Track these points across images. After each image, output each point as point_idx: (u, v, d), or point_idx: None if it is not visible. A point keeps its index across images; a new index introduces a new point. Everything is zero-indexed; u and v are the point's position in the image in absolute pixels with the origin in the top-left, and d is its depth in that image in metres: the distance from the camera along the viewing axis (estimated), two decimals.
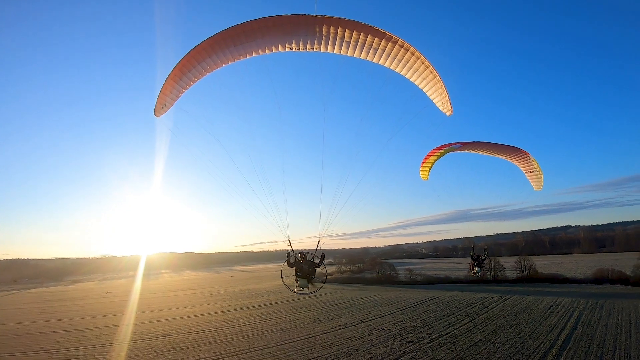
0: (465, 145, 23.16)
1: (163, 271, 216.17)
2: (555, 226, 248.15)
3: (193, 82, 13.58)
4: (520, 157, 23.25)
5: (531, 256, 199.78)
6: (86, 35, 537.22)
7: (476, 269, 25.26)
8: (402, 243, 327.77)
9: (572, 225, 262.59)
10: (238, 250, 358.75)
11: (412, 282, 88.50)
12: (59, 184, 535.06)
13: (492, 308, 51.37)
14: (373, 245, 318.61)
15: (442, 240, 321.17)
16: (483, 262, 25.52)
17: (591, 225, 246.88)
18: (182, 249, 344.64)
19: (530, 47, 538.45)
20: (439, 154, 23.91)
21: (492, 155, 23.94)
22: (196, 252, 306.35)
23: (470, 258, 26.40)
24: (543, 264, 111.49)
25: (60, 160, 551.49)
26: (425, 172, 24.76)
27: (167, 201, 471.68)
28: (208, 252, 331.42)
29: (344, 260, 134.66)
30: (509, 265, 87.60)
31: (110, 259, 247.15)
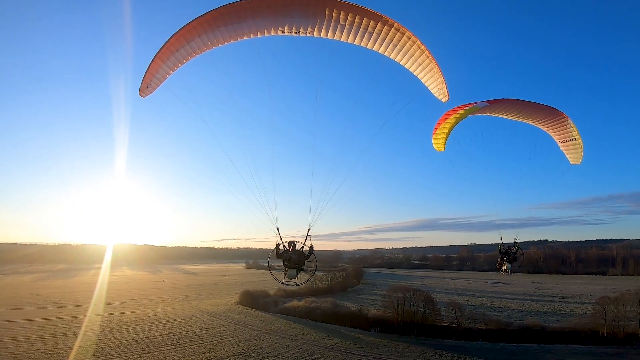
0: (492, 104, 18.57)
1: (98, 266, 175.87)
2: (532, 240, 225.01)
3: (181, 64, 13.05)
4: (556, 121, 18.87)
5: (558, 275, 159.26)
6: (33, 9, 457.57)
7: (506, 266, 20.62)
8: (372, 248, 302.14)
9: (549, 240, 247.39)
10: (201, 245, 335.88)
11: (472, 332, 44.91)
12: (17, 167, 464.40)
13: None
14: (341, 249, 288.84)
15: (412, 247, 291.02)
16: (515, 257, 20.46)
17: (568, 242, 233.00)
18: (142, 241, 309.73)
19: (506, 57, 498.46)
20: (458, 116, 18.49)
21: (521, 119, 19.77)
22: (156, 245, 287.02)
23: (498, 252, 21.11)
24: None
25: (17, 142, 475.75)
26: (440, 141, 19.49)
27: (131, 190, 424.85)
28: (168, 245, 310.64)
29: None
30: None
31: (65, 246, 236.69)
